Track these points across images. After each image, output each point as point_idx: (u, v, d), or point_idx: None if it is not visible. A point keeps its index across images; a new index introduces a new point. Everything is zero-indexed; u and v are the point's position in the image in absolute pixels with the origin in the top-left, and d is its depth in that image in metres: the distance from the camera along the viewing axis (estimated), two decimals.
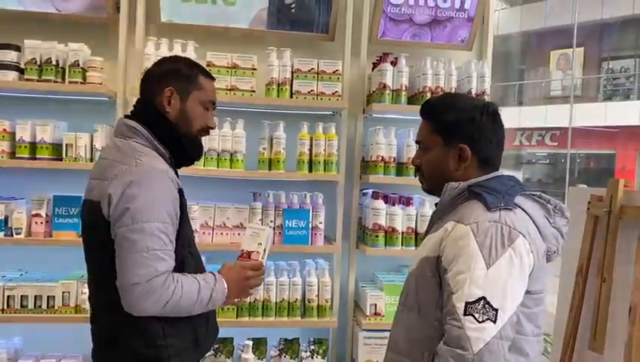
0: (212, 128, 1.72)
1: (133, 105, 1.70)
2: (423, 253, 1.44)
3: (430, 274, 1.39)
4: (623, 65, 16.48)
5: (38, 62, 2.50)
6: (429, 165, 1.51)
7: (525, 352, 1.36)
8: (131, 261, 1.46)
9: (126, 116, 1.67)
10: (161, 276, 1.47)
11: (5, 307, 2.46)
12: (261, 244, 1.74)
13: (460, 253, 1.31)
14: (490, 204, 1.35)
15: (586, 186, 2.34)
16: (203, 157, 2.55)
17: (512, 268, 1.29)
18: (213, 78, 1.73)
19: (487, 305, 1.25)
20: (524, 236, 1.33)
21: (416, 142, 1.56)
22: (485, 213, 1.34)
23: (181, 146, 1.65)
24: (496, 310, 1.26)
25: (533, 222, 1.39)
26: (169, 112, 1.62)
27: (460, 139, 1.44)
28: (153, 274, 1.46)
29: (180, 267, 1.57)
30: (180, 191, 1.60)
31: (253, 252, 1.74)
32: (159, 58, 1.75)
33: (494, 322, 1.25)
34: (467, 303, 1.26)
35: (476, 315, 1.25)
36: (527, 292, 1.34)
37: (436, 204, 1.53)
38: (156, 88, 1.63)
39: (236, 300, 1.96)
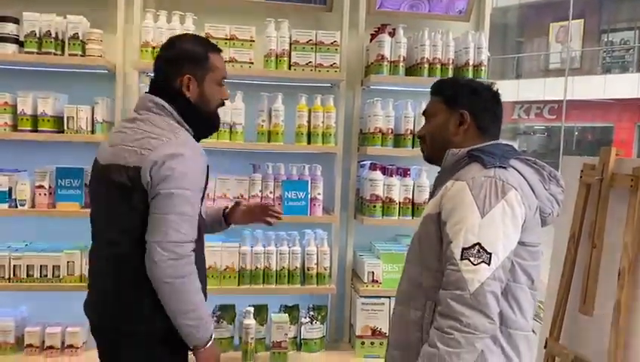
0: (226, 99, 1.85)
1: (152, 83, 1.77)
2: (426, 212, 1.58)
3: (432, 229, 1.52)
4: (623, 37, 16.37)
5: (38, 35, 2.50)
6: (432, 131, 1.66)
7: (519, 301, 1.50)
8: (170, 221, 1.57)
9: (150, 92, 1.74)
10: (190, 244, 1.61)
11: (12, 276, 2.52)
12: None
13: (457, 205, 1.44)
14: (486, 163, 1.48)
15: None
16: None
17: (505, 217, 1.42)
18: (220, 51, 1.82)
19: (481, 250, 1.39)
20: (516, 189, 1.45)
21: (423, 113, 1.72)
22: (481, 170, 1.48)
23: (203, 123, 1.78)
24: (490, 254, 1.39)
25: (527, 182, 1.51)
26: (190, 96, 1.73)
27: (461, 106, 1.60)
28: (183, 238, 1.59)
29: (198, 233, 1.68)
30: (207, 168, 1.74)
31: None
32: (169, 38, 1.82)
33: (488, 264, 1.38)
34: (463, 249, 1.40)
35: (472, 259, 1.39)
36: (522, 243, 1.47)
37: (439, 172, 1.67)
38: (173, 73, 1.72)
39: None
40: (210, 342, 1.69)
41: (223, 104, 1.84)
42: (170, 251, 1.56)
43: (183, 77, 1.71)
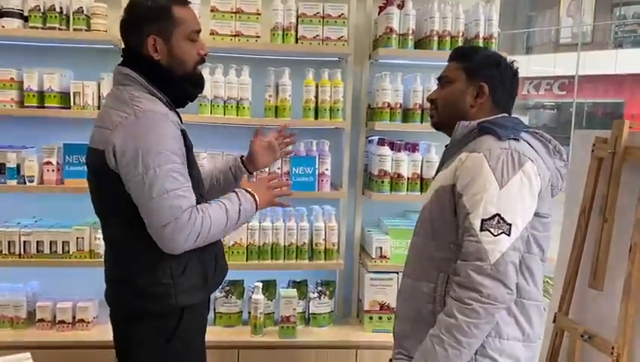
0: (205, 55, 1.69)
1: (122, 53, 1.68)
2: (437, 185, 1.57)
3: (446, 201, 1.51)
4: (636, 10, 16.03)
5: (42, 10, 2.48)
6: (446, 98, 1.64)
7: (533, 272, 1.52)
8: (154, 206, 1.50)
9: (120, 64, 1.66)
10: (186, 212, 1.52)
11: (22, 252, 2.53)
12: None
13: (475, 177, 1.44)
14: (501, 135, 1.48)
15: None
16: (209, 104, 2.58)
17: (523, 188, 1.43)
18: (187, 3, 1.66)
19: (501, 221, 1.40)
20: (531, 161, 1.46)
21: (438, 78, 1.69)
22: (496, 142, 1.48)
23: (181, 87, 1.66)
24: (510, 224, 1.40)
25: (537, 154, 1.52)
26: (159, 59, 1.61)
27: (481, 78, 1.59)
28: (178, 212, 1.51)
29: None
30: (183, 133, 1.62)
31: None
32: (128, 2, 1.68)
33: (508, 235, 1.39)
34: (483, 220, 1.40)
35: (492, 230, 1.39)
36: (537, 214, 1.48)
37: (446, 146, 1.65)
38: (138, 38, 1.60)
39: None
40: (257, 203, 1.70)
41: (202, 60, 1.69)
42: (174, 228, 1.50)
43: (147, 39, 1.58)
